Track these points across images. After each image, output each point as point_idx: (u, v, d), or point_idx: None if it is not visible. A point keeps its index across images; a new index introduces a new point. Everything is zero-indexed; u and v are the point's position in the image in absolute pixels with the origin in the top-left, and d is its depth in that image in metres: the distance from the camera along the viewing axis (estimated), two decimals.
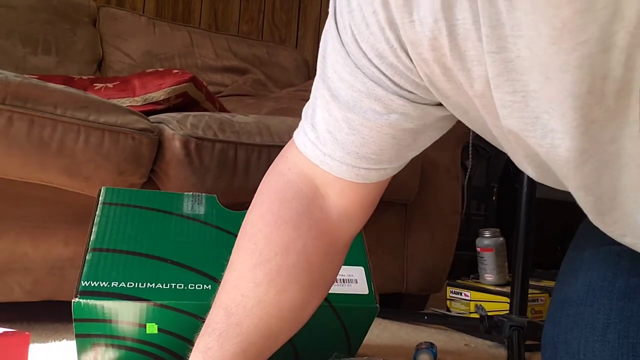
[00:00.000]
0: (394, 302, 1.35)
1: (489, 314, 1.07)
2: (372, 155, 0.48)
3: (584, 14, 0.32)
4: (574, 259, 0.61)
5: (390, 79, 0.44)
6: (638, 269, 0.55)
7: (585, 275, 0.57)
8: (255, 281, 0.49)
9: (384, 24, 0.41)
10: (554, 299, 0.61)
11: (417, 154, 0.51)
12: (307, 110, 0.51)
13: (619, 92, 0.35)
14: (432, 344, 0.91)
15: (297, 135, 0.52)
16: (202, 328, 0.51)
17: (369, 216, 0.55)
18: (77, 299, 0.66)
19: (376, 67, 0.43)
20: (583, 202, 0.45)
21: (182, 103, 1.18)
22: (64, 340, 0.88)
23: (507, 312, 1.04)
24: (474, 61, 0.39)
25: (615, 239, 0.47)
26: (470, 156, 1.88)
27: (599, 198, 0.42)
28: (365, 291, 0.78)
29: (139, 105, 1.14)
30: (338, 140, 0.48)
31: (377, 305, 0.77)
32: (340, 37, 0.44)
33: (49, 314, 1.01)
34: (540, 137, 0.39)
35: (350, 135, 0.47)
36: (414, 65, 0.42)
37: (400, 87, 0.44)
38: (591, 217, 0.46)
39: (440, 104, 0.46)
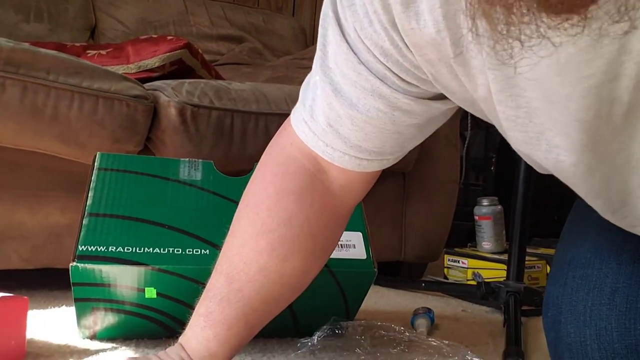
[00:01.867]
0: (392, 271, 1.36)
1: (485, 281, 1.08)
2: (375, 149, 0.48)
3: (589, 50, 0.31)
4: (581, 220, 0.60)
5: (396, 75, 0.42)
6: None
7: (594, 238, 0.56)
8: (258, 249, 0.49)
9: (386, 25, 0.39)
10: (558, 259, 0.60)
11: (421, 142, 0.51)
12: (305, 95, 0.50)
13: (627, 113, 0.34)
14: (429, 310, 0.91)
15: (296, 121, 0.51)
16: (203, 293, 0.51)
17: (370, 188, 0.55)
18: (74, 263, 0.66)
19: (381, 63, 0.41)
20: (592, 203, 0.44)
21: (177, 70, 1.16)
22: (63, 307, 0.88)
23: (504, 279, 1.04)
24: (477, 69, 0.37)
25: (625, 228, 0.46)
26: (469, 127, 1.87)
27: (609, 200, 0.42)
28: (364, 256, 0.78)
29: (133, 73, 1.12)
30: (340, 134, 0.47)
31: (375, 269, 0.77)
32: (341, 29, 0.42)
33: (47, 282, 1.01)
34: (546, 150, 0.39)
35: (353, 131, 0.46)
36: (419, 64, 0.40)
37: (407, 82, 0.43)
38: (600, 212, 0.45)
39: (445, 98, 0.44)
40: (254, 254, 0.49)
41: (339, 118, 0.46)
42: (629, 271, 0.52)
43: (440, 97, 0.45)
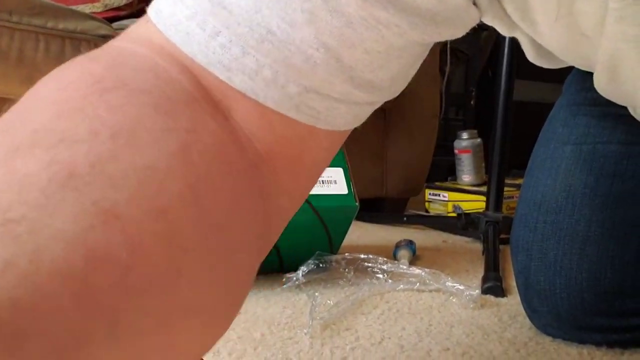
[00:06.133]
0: (375, 208, 1.38)
1: (465, 212, 1.10)
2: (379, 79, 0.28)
3: None
4: (552, 153, 0.57)
5: None
6: (622, 174, 0.52)
7: (565, 178, 0.54)
8: None
9: None
10: (526, 196, 0.58)
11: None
12: None
13: None
14: (411, 241, 0.93)
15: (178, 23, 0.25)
16: None
17: (308, 192, 0.32)
18: None
19: None
20: None
21: (146, 8, 1.11)
22: None
23: (484, 210, 1.07)
24: None
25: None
26: (448, 61, 1.85)
27: None
28: (345, 191, 0.78)
29: (100, 12, 1.07)
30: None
31: (357, 203, 0.78)
32: None
33: None
34: None
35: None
36: None
37: None
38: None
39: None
40: None
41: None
42: (601, 219, 0.52)
43: None
